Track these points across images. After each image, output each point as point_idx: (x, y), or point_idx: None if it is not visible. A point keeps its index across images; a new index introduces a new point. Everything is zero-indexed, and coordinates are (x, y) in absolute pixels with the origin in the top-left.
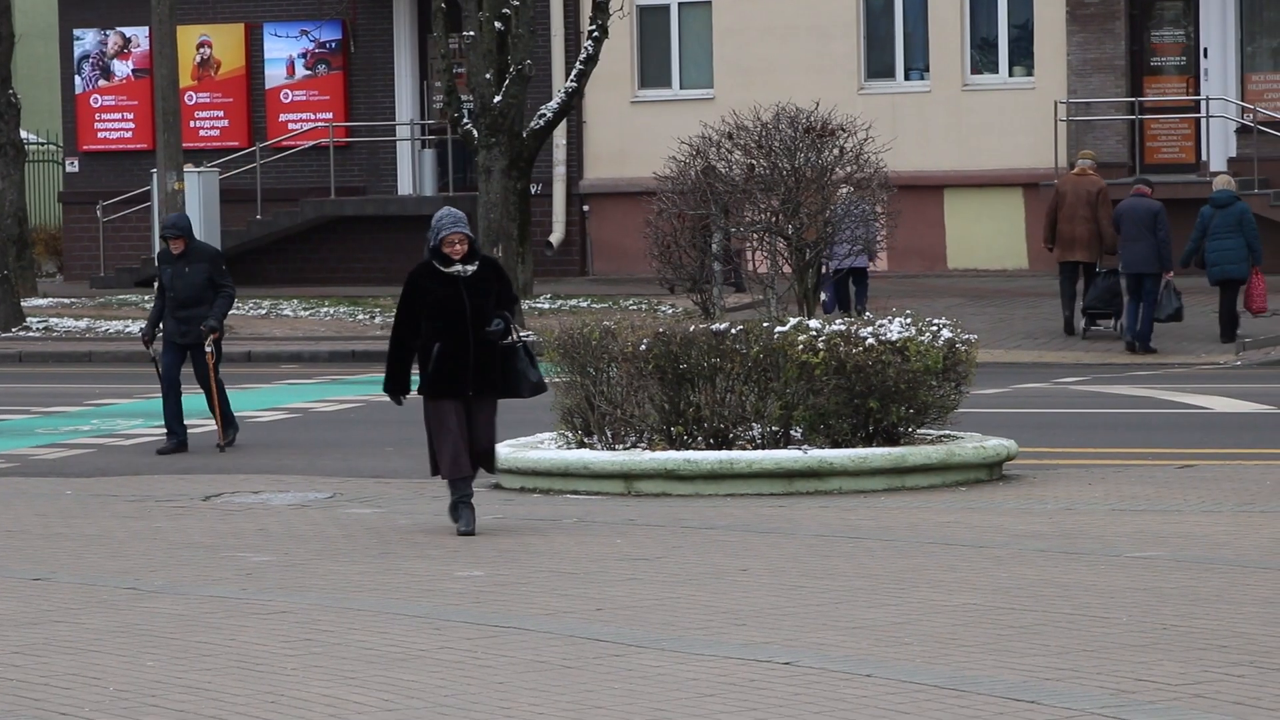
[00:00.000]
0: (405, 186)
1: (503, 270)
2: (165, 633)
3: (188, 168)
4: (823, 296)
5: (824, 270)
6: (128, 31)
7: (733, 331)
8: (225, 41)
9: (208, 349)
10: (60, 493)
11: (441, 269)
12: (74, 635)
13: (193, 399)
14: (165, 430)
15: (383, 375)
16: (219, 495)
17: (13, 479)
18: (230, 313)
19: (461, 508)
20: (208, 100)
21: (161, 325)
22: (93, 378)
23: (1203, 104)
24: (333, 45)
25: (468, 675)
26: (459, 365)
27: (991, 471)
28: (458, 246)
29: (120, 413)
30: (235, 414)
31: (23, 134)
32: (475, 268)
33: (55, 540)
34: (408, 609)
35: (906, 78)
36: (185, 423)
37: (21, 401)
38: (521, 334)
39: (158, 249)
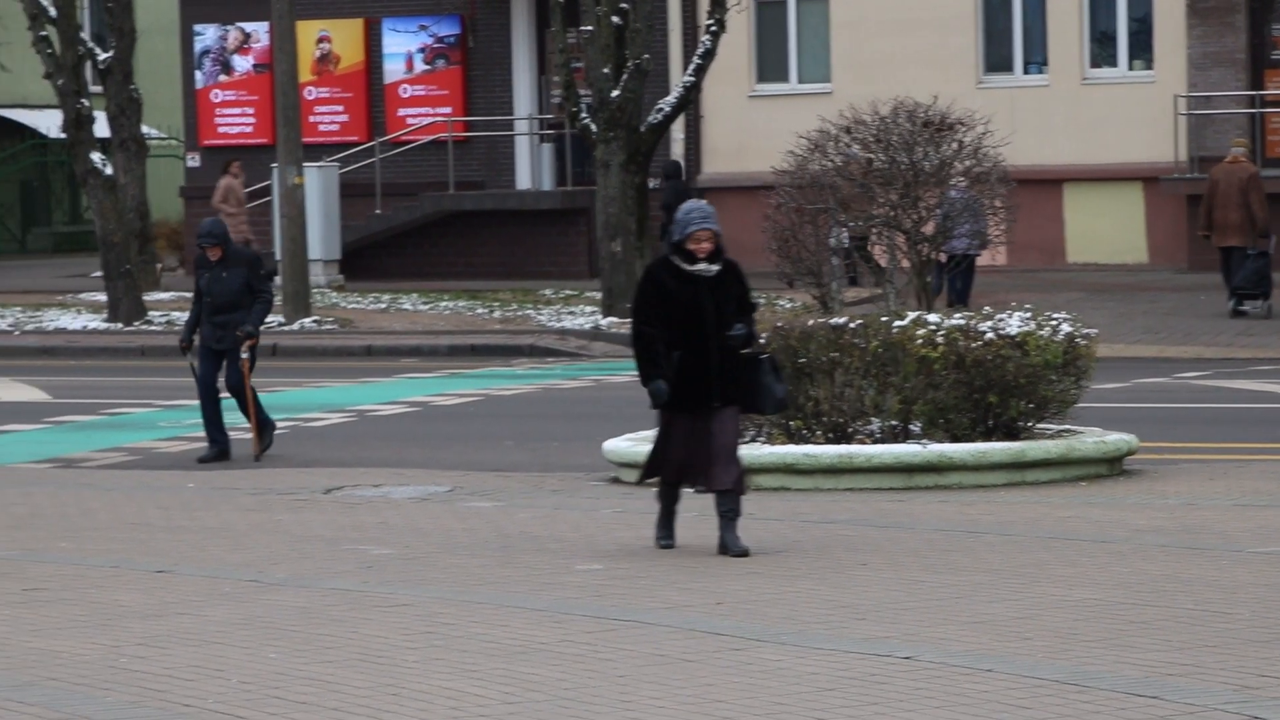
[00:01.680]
0: (523, 181)
1: (742, 273)
2: (287, 625)
3: (307, 163)
4: (929, 279)
5: (937, 257)
6: (248, 27)
7: (851, 326)
8: (344, 37)
9: (244, 355)
10: (182, 486)
11: (683, 267)
12: (196, 627)
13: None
14: (207, 439)
15: (504, 369)
16: (340, 488)
17: (136, 472)
18: (351, 306)
19: (666, 519)
20: (327, 95)
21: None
22: None
23: None
24: (451, 40)
25: (588, 669)
26: (701, 375)
27: (1112, 466)
28: (705, 244)
29: None
30: (339, 410)
31: (144, 129)
32: (718, 268)
33: (178, 533)
34: (528, 602)
35: (1025, 71)
36: (228, 430)
37: (144, 395)
38: (765, 346)
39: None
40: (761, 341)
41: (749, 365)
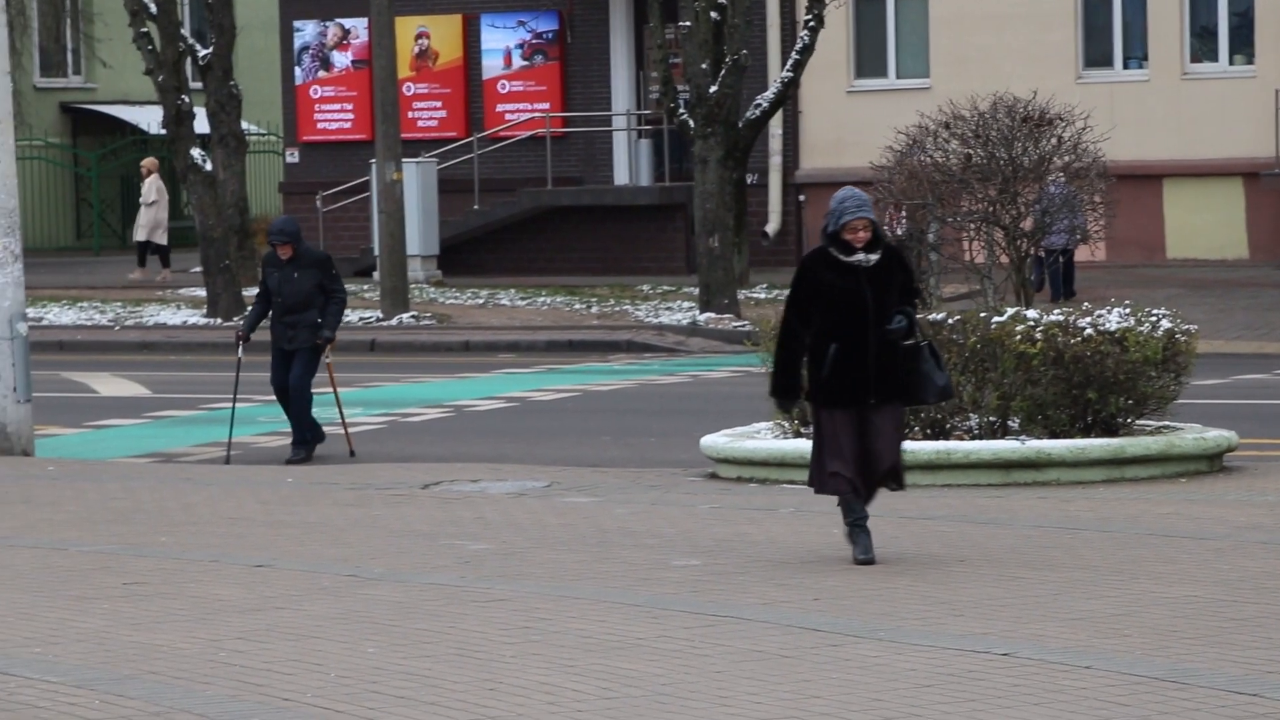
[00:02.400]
0: (621, 176)
1: (906, 259)
2: (385, 620)
3: (406, 158)
4: (1030, 275)
5: (1037, 252)
6: (347, 23)
7: (950, 321)
8: (443, 32)
9: (326, 359)
10: (281, 480)
11: (840, 258)
12: (296, 621)
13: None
14: (292, 440)
15: (601, 365)
16: (438, 483)
17: (236, 467)
18: (449, 302)
19: (857, 533)
20: (426, 91)
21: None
22: None
23: None
24: (549, 36)
25: (685, 664)
26: (858, 369)
27: (1212, 463)
28: (861, 233)
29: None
30: (437, 406)
31: (244, 125)
32: (878, 257)
33: (277, 528)
34: (625, 597)
35: (1125, 66)
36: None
37: (243, 389)
38: (925, 333)
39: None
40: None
41: (908, 354)
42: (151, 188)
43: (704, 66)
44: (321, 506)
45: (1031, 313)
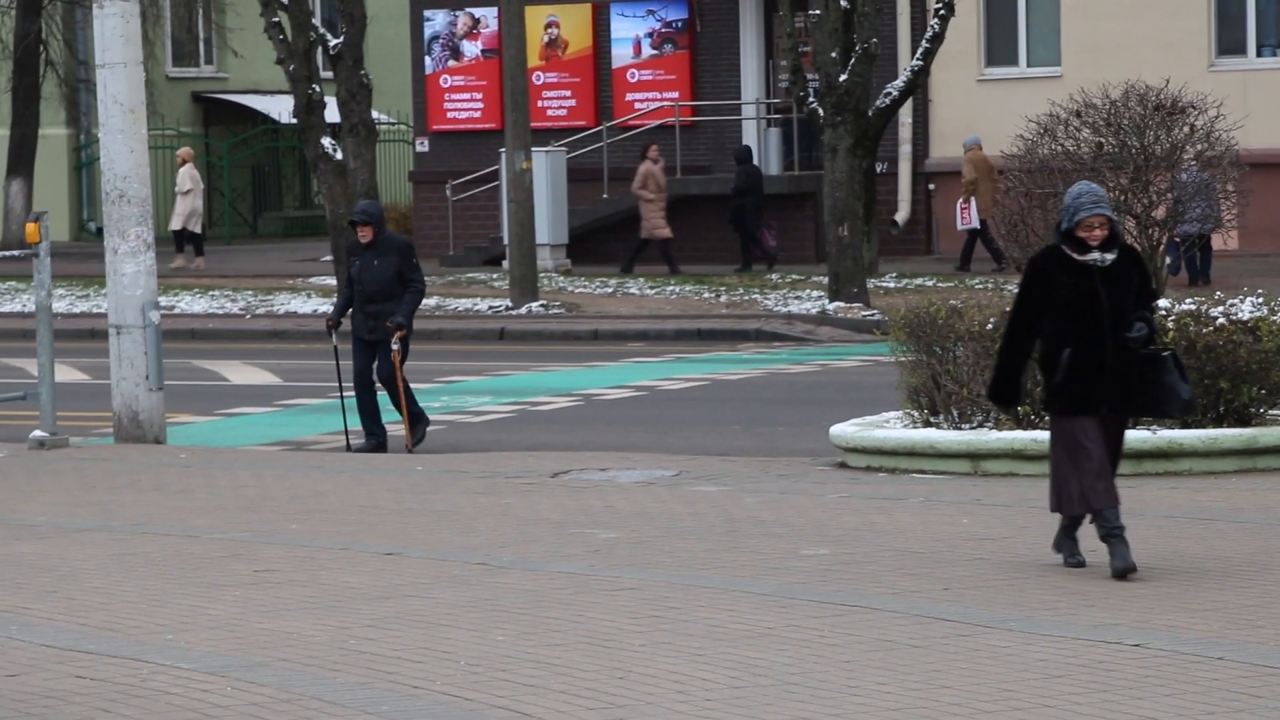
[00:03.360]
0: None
1: (1142, 260)
2: (514, 608)
3: (535, 147)
4: (1167, 260)
5: (1174, 237)
6: (477, 12)
7: None
8: (572, 22)
9: (394, 346)
10: (411, 469)
11: (1074, 257)
12: (425, 609)
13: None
14: (364, 431)
15: (730, 354)
16: (567, 472)
17: (365, 455)
18: (578, 290)
19: (1115, 542)
20: (555, 80)
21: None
22: (442, 355)
23: None
24: (678, 25)
25: (815, 654)
26: (1094, 376)
27: None
28: (1097, 232)
29: (469, 389)
30: (566, 394)
31: (374, 114)
32: (1114, 257)
33: (406, 516)
34: (754, 587)
35: (1258, 54)
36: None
37: None
38: (1164, 340)
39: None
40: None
41: (1149, 364)
42: (186, 177)
43: (834, 55)
44: (451, 494)
45: (1164, 302)
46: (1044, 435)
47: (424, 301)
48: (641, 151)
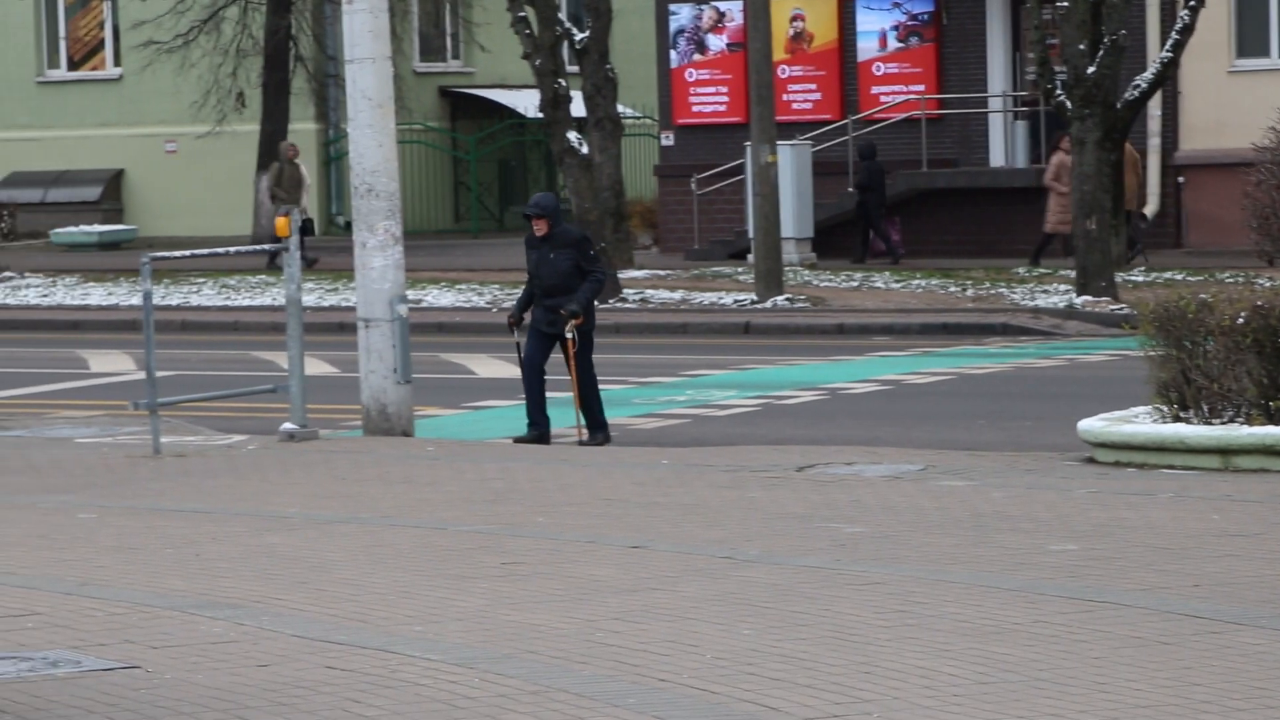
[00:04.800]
0: (997, 159)
1: None
2: (760, 601)
3: (780, 141)
4: None
5: None
6: (722, 6)
7: None
8: (818, 15)
9: (568, 334)
10: (657, 462)
11: None
12: (671, 603)
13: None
14: (528, 421)
15: (977, 347)
16: (812, 466)
17: (610, 448)
18: (823, 284)
19: None
20: (800, 73)
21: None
22: (687, 349)
23: None
24: (924, 17)
25: (1063, 650)
26: None
27: None
28: None
29: (714, 384)
30: (811, 388)
31: (619, 108)
32: None
33: (652, 509)
34: (1001, 582)
35: None
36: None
37: (618, 371)
38: None
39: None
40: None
41: None
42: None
43: (1081, 47)
44: (696, 488)
45: None
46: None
47: (669, 296)
48: (1055, 143)
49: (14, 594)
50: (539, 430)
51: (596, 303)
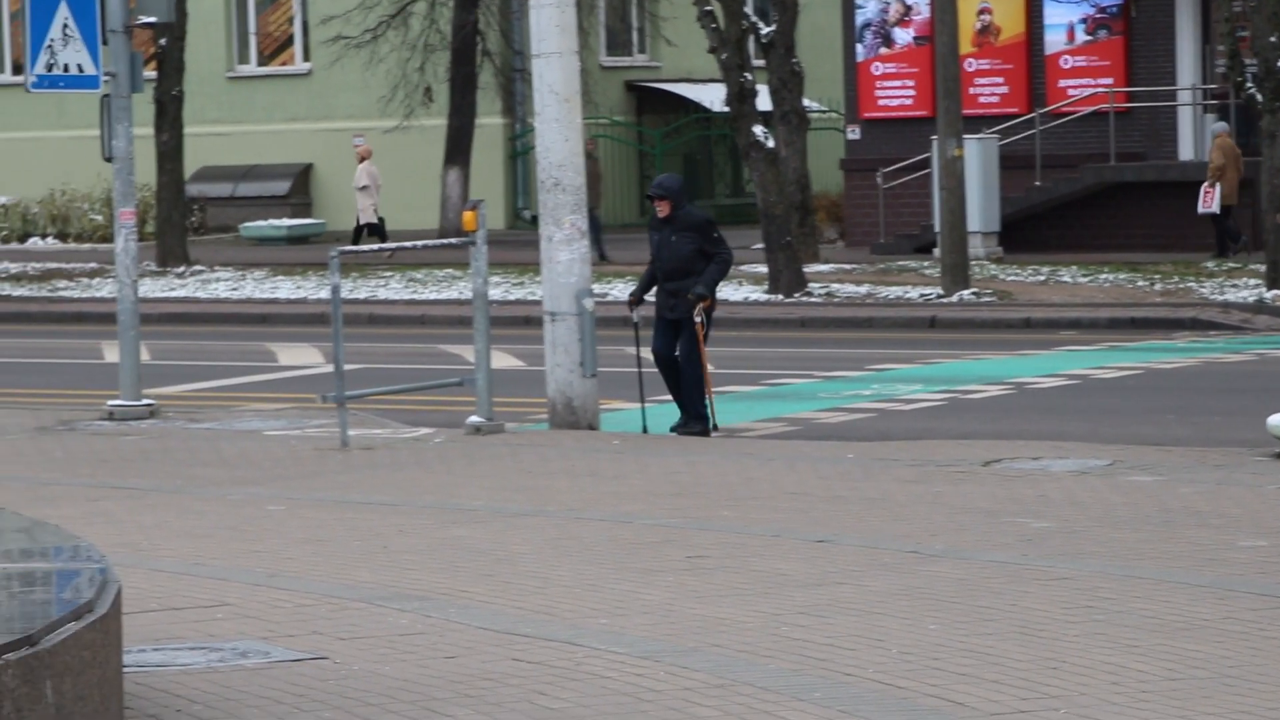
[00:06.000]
0: (1186, 152)
1: None
2: (946, 596)
3: (966, 135)
4: None
5: None
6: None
7: None
8: (1005, 8)
9: (697, 318)
10: (842, 456)
11: None
12: (856, 597)
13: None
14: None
15: (1165, 342)
16: (998, 461)
17: (795, 442)
18: (1009, 279)
19: None
20: (987, 67)
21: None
22: (872, 343)
23: None
24: (1113, 10)
25: (1253, 647)
26: None
27: None
28: None
29: (900, 378)
30: (997, 383)
31: (805, 102)
32: None
33: (837, 503)
34: (1190, 578)
35: None
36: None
37: (803, 365)
38: None
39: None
40: None
41: None
42: (363, 173)
43: (1273, 39)
44: (882, 482)
45: None
46: None
47: (854, 290)
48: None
49: (205, 585)
50: (701, 424)
51: (780, 298)
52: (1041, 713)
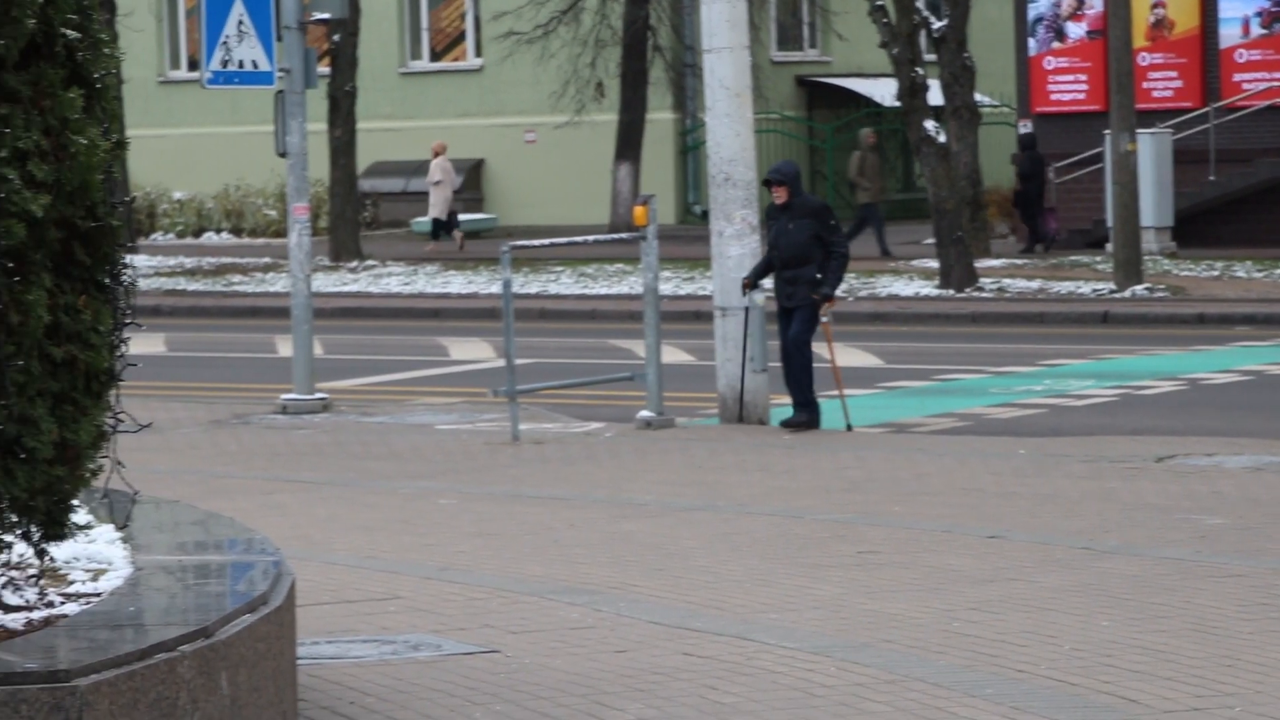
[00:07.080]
0: None
1: None
2: (1119, 593)
3: (1140, 129)
4: None
5: None
6: None
7: None
8: (1179, 2)
9: (824, 318)
10: (1013, 452)
11: None
12: (1028, 593)
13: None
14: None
15: None
16: (1172, 457)
17: (967, 438)
18: (1183, 274)
19: None
20: (1160, 61)
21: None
22: (1044, 338)
23: None
24: None
25: None
26: None
27: None
28: None
29: (1072, 373)
30: (1170, 378)
31: (977, 97)
32: None
33: (1009, 499)
34: None
35: None
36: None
37: (974, 361)
38: None
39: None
40: None
41: None
42: (437, 169)
43: None
44: (1054, 478)
45: None
46: None
47: (1026, 285)
48: None
49: (377, 578)
50: (807, 414)
51: (951, 293)
52: (1216, 710)
